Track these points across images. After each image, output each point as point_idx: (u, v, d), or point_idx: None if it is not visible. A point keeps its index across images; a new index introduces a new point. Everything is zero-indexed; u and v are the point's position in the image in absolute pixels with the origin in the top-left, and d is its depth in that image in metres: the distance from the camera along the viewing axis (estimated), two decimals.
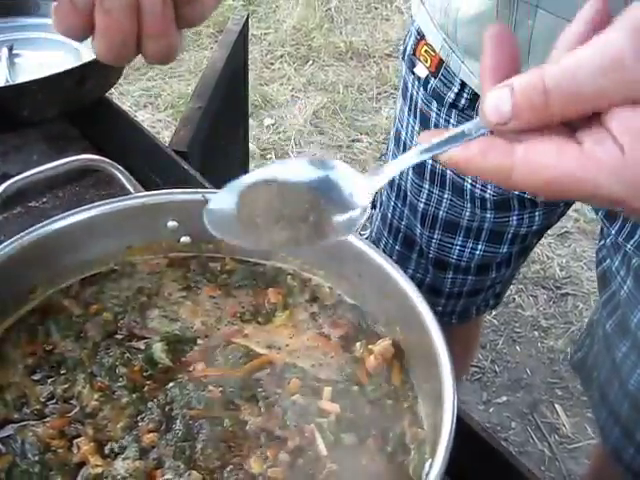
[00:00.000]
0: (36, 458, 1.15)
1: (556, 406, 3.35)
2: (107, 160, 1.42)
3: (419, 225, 1.97)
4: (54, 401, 1.23)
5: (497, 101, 0.74)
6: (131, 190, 1.40)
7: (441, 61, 1.69)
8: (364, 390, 1.23)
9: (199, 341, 1.31)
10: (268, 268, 1.42)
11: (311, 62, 5.29)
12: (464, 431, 1.05)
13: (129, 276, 1.41)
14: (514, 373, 3.51)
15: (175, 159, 1.93)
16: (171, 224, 1.40)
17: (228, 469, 1.14)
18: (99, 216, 1.36)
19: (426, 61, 1.74)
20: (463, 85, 1.67)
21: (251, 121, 4.08)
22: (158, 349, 1.28)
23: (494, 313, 3.70)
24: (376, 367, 1.25)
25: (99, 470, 1.13)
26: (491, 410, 3.33)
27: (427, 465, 1.05)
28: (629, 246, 1.53)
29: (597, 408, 1.92)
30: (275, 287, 1.39)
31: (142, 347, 1.30)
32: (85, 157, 1.40)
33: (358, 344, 1.28)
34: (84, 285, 1.40)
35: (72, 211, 1.35)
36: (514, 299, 3.76)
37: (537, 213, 1.85)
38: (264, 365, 1.28)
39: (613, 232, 1.61)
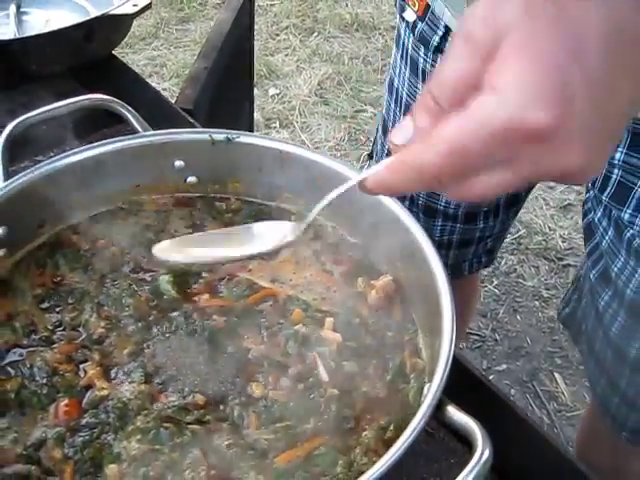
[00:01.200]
0: (44, 381, 1.18)
1: (555, 375, 3.37)
2: (116, 100, 1.44)
3: None
4: (62, 328, 1.26)
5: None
6: (140, 130, 1.42)
7: (427, 5, 1.73)
8: (365, 322, 1.26)
9: (204, 274, 1.34)
10: (272, 208, 1.44)
11: (316, 33, 5.30)
12: (458, 368, 1.08)
13: (136, 214, 1.44)
14: (514, 342, 3.53)
15: (182, 114, 1.96)
16: (178, 164, 1.43)
17: (231, 393, 1.16)
18: (108, 153, 1.38)
19: (414, 5, 1.77)
20: (447, 29, 1.71)
21: (256, 90, 4.09)
22: (164, 281, 1.31)
23: (495, 282, 3.72)
24: (377, 301, 1.28)
25: (105, 392, 1.16)
26: (491, 378, 3.36)
27: (425, 388, 1.08)
28: (604, 197, 1.56)
29: (586, 361, 1.95)
30: None
31: (148, 279, 1.32)
32: (95, 96, 1.43)
33: (360, 279, 1.31)
34: (92, 222, 1.42)
35: (81, 148, 1.37)
36: (515, 269, 3.78)
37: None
38: (267, 297, 1.31)
39: (590, 184, 1.63)
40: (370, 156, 2.31)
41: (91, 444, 1.10)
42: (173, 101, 2.24)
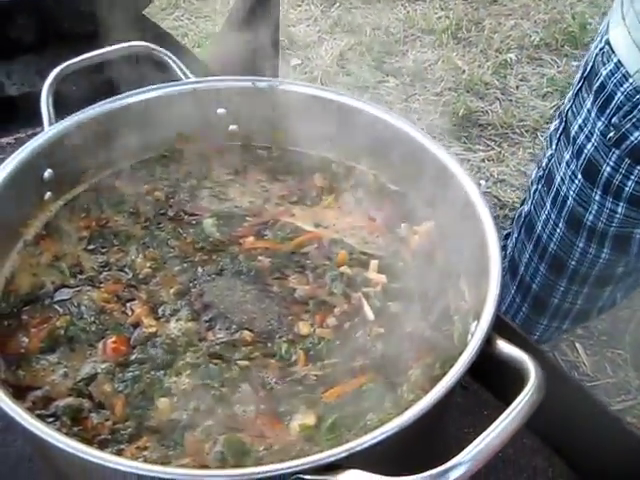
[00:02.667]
0: (92, 319, 1.19)
1: (577, 345, 3.36)
2: (159, 48, 1.44)
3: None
4: (107, 269, 1.27)
5: None
6: (182, 78, 1.42)
7: None
8: (409, 266, 1.26)
9: (248, 218, 1.35)
10: (313, 157, 1.45)
11: (338, 4, 5.28)
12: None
13: (178, 161, 1.45)
14: None
15: (215, 74, 1.95)
16: (220, 111, 1.44)
17: (278, 331, 1.17)
18: (151, 100, 1.40)
19: None
20: None
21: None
22: (209, 224, 1.32)
23: None
24: (420, 246, 1.29)
25: (153, 330, 1.18)
26: None
27: (472, 326, 1.09)
28: None
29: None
30: (321, 173, 1.41)
31: (193, 223, 1.34)
32: (139, 44, 1.43)
33: (403, 225, 1.31)
34: (135, 169, 1.44)
35: (124, 94, 1.38)
36: None
37: None
38: (312, 240, 1.32)
39: None
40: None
41: (141, 379, 1.12)
42: None
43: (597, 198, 1.76)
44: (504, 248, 2.12)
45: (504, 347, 1.01)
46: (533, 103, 4.24)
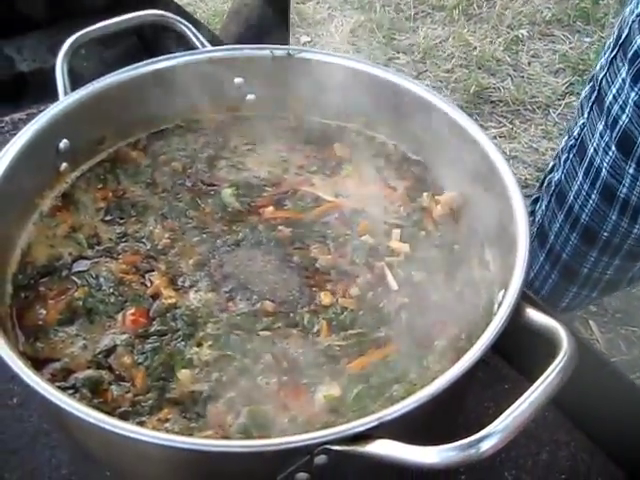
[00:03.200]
0: (111, 290, 1.17)
1: (590, 322, 3.34)
2: (175, 16, 1.42)
3: None
4: (125, 240, 1.25)
5: None
6: (199, 46, 1.40)
7: None
8: (431, 235, 1.24)
9: (267, 188, 1.33)
10: (332, 126, 1.43)
11: None
12: None
13: (195, 131, 1.43)
14: None
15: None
16: (238, 81, 1.41)
17: (300, 301, 1.15)
18: (166, 69, 1.37)
19: None
20: None
21: None
22: (227, 194, 1.30)
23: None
24: (443, 216, 1.27)
25: (172, 301, 1.16)
26: None
27: (500, 295, 1.07)
28: None
29: None
30: (341, 143, 1.38)
31: (211, 193, 1.32)
32: (154, 12, 1.41)
33: (425, 194, 1.29)
34: (151, 139, 1.42)
35: (141, 63, 1.36)
36: None
37: None
38: (332, 210, 1.30)
39: None
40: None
41: (161, 350, 1.10)
42: None
43: (631, 171, 1.73)
44: (532, 214, 2.09)
45: (534, 315, 0.99)
46: (545, 79, 4.20)
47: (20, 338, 1.10)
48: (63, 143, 1.28)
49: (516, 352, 1.22)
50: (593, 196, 1.83)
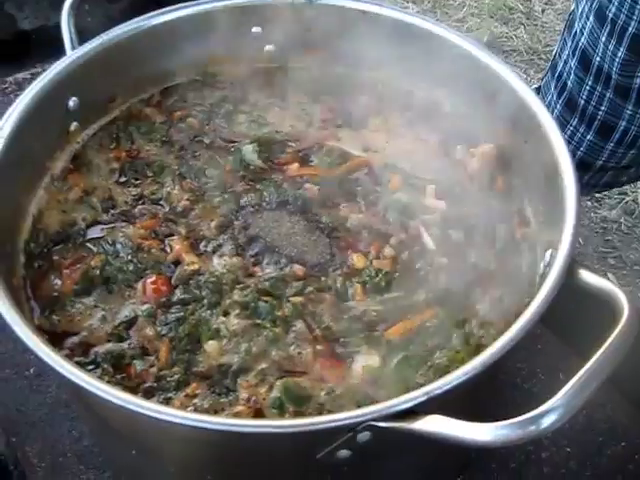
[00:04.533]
0: (129, 257, 1.11)
1: (609, 275, 3.29)
2: None
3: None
4: (142, 202, 1.18)
5: None
6: None
7: None
8: (468, 191, 1.17)
9: (290, 144, 1.26)
10: (357, 76, 1.35)
11: None
12: None
13: (211, 85, 1.36)
14: None
15: None
16: (255, 30, 1.33)
17: (331, 264, 1.08)
18: (181, 19, 1.30)
19: None
20: None
21: None
22: (249, 150, 1.23)
23: None
24: (478, 170, 1.19)
25: (195, 267, 1.09)
26: None
27: (547, 255, 0.99)
28: None
29: None
30: (366, 94, 1.30)
31: (231, 150, 1.25)
32: None
33: (459, 147, 1.22)
34: (165, 95, 1.34)
35: (153, 13, 1.28)
36: None
37: None
38: (361, 165, 1.23)
39: None
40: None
41: (186, 321, 1.03)
42: None
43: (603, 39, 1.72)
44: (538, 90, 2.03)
45: (588, 277, 0.91)
46: (559, 27, 4.10)
47: (35, 311, 1.04)
48: (72, 101, 1.21)
49: (556, 310, 1.15)
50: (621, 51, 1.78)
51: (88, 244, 1.13)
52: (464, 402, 0.91)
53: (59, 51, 1.26)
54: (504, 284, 1.05)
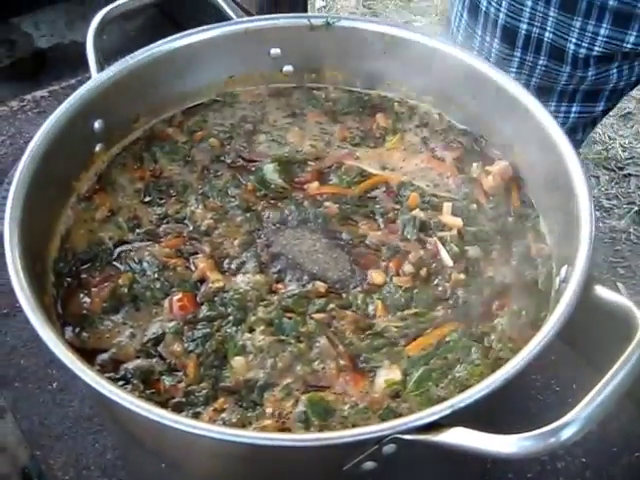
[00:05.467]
0: (156, 275, 1.13)
1: (618, 285, 3.28)
2: None
3: None
4: (166, 221, 1.21)
5: None
6: (233, 17, 1.35)
7: None
8: (484, 208, 1.20)
9: (310, 163, 1.29)
10: (373, 96, 1.39)
11: None
12: None
13: (231, 106, 1.38)
14: None
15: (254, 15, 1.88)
16: (274, 52, 1.36)
17: (351, 281, 1.11)
18: (201, 42, 1.33)
19: None
20: None
21: None
22: (270, 170, 1.26)
23: None
24: (494, 187, 1.23)
25: (220, 284, 1.12)
26: None
27: (563, 271, 1.03)
28: None
29: None
30: (383, 113, 1.34)
31: (252, 169, 1.27)
32: None
33: (475, 165, 1.25)
34: (186, 115, 1.37)
35: (173, 37, 1.31)
36: None
37: (637, 63, 1.79)
38: (379, 184, 1.25)
39: None
40: None
41: (212, 337, 1.06)
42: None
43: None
44: None
45: (604, 293, 0.94)
46: None
47: (66, 329, 1.06)
48: (98, 123, 1.24)
49: (572, 324, 1.18)
50: None
51: (115, 263, 1.15)
52: (483, 414, 0.94)
53: (75, 68, 1.30)
54: (521, 299, 1.08)
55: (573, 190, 1.06)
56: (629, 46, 1.66)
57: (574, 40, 1.69)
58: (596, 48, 1.68)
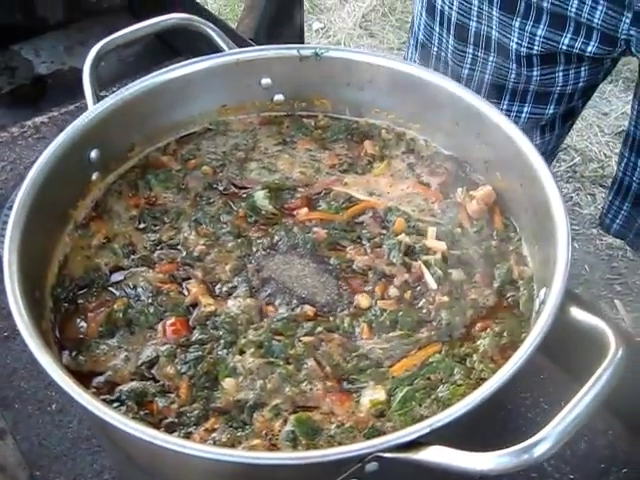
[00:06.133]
0: (149, 300, 1.17)
1: (615, 301, 3.33)
2: (200, 19, 1.41)
3: None
4: (160, 247, 1.25)
5: None
6: (225, 48, 1.39)
7: None
8: (468, 232, 1.24)
9: (300, 189, 1.33)
10: (361, 124, 1.43)
11: None
12: None
13: (224, 134, 1.42)
14: (573, 270, 3.41)
15: (248, 41, 1.92)
16: (265, 82, 1.41)
17: (339, 304, 1.15)
18: (194, 73, 1.37)
19: None
20: None
21: None
22: (260, 196, 1.30)
23: None
24: (478, 211, 1.26)
25: (211, 308, 1.15)
26: None
27: (542, 293, 1.06)
28: None
29: None
30: (371, 140, 1.38)
31: (244, 196, 1.31)
32: (179, 16, 1.40)
33: (459, 190, 1.28)
34: (180, 143, 1.41)
35: (167, 68, 1.35)
36: (572, 197, 3.73)
37: (583, 68, 1.83)
38: (366, 209, 1.29)
39: None
40: None
41: (204, 359, 1.10)
42: None
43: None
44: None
45: (579, 314, 0.98)
46: None
47: (64, 352, 1.10)
48: (94, 152, 1.28)
49: (552, 343, 1.21)
50: None
51: (111, 288, 1.19)
52: (465, 432, 0.97)
53: (74, 94, 1.34)
54: (503, 320, 1.12)
55: (551, 214, 1.10)
56: (564, 47, 1.71)
57: (515, 39, 1.75)
58: (535, 47, 1.73)
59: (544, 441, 0.82)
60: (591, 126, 3.93)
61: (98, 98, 1.29)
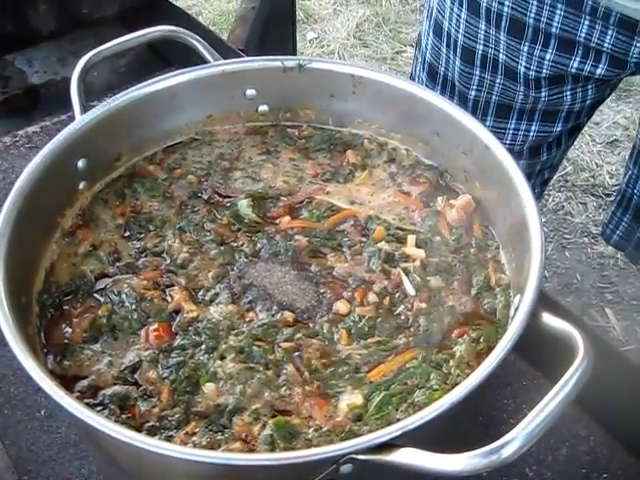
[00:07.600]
0: (133, 306, 1.19)
1: (606, 310, 3.35)
2: (186, 31, 1.44)
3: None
4: (145, 255, 1.27)
5: None
6: (211, 60, 1.41)
7: None
8: (447, 240, 1.26)
9: (282, 198, 1.35)
10: (344, 134, 1.45)
11: None
12: None
13: (209, 144, 1.45)
14: (564, 278, 3.50)
15: (237, 52, 1.95)
16: (250, 92, 1.43)
17: (318, 311, 1.18)
18: (180, 84, 1.39)
19: None
20: None
21: None
22: (244, 205, 1.32)
23: (543, 220, 3.68)
24: (457, 220, 1.28)
25: (194, 314, 1.18)
26: None
27: (516, 299, 1.09)
28: None
29: None
30: (353, 150, 1.41)
31: (228, 205, 1.34)
32: (165, 28, 1.42)
33: (439, 199, 1.31)
34: (167, 153, 1.44)
35: (154, 79, 1.38)
36: (563, 207, 3.76)
37: (590, 87, 1.86)
38: (348, 217, 1.32)
39: None
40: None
41: (185, 364, 1.12)
42: None
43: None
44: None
45: (550, 320, 1.00)
46: None
47: (49, 357, 1.12)
48: (81, 162, 1.31)
49: (534, 349, 1.24)
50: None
51: (96, 295, 1.21)
52: (445, 435, 1.01)
53: (66, 104, 1.36)
54: (479, 327, 1.14)
55: (526, 222, 1.12)
56: (573, 70, 1.73)
57: (523, 63, 1.77)
58: (544, 71, 1.76)
59: (512, 442, 0.84)
60: (583, 135, 3.95)
61: (86, 108, 1.31)
